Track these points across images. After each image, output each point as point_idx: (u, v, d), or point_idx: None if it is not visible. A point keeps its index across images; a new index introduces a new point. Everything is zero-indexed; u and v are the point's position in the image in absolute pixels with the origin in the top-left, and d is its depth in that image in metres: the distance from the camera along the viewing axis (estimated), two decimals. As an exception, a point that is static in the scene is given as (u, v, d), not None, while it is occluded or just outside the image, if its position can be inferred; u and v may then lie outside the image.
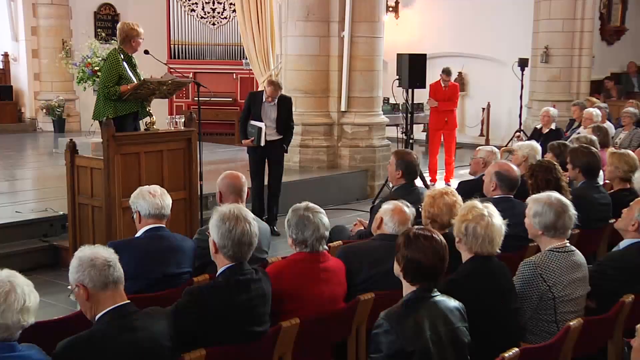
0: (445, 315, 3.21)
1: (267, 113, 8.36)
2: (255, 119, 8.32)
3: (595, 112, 10.28)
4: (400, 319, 3.11)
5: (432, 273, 3.24)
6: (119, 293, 3.11)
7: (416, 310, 3.15)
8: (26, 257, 7.08)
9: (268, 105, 8.37)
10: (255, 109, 8.37)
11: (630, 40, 16.12)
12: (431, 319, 3.15)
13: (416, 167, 5.88)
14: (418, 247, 3.23)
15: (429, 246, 3.23)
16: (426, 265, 3.22)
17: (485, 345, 3.35)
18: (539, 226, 3.97)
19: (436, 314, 3.19)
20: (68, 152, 6.59)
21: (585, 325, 3.70)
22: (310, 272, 3.86)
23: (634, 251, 4.22)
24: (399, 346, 3.05)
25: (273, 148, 8.45)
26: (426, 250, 3.22)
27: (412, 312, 3.15)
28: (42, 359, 2.81)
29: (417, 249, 3.23)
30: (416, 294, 3.23)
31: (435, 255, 3.22)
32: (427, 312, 3.17)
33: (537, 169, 5.53)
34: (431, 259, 3.21)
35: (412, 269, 3.25)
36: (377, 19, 10.74)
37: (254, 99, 8.52)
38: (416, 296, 3.23)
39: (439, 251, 3.24)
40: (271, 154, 8.48)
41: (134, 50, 7.11)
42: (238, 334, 3.44)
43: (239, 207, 3.64)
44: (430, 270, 3.23)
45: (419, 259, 3.22)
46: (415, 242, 3.26)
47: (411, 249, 3.25)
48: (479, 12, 15.76)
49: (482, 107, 16.07)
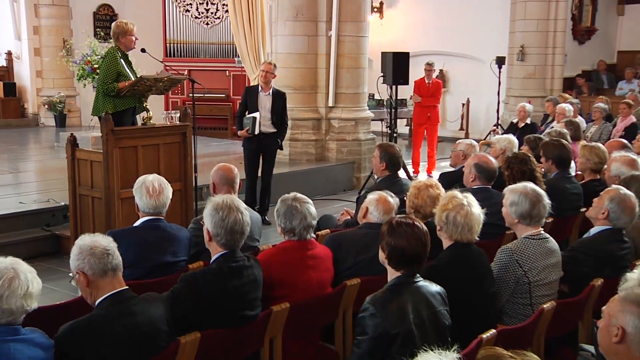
0: (427, 299, 3.22)
1: (262, 103, 8.35)
2: (252, 111, 8.32)
3: (567, 107, 10.33)
4: (385, 303, 3.12)
5: (415, 259, 3.25)
6: (118, 279, 3.10)
7: (400, 295, 3.16)
8: (29, 245, 7.08)
9: (264, 95, 8.36)
10: (251, 101, 8.36)
11: (600, 40, 16.19)
12: (414, 303, 3.15)
13: (399, 159, 5.88)
14: (401, 234, 3.25)
15: (411, 233, 3.24)
16: (409, 251, 3.23)
17: (465, 327, 3.37)
18: (515, 215, 3.99)
19: (419, 298, 3.20)
20: (69, 146, 6.59)
21: (557, 307, 3.72)
22: (299, 259, 3.86)
23: (603, 238, 4.24)
24: (384, 329, 3.05)
25: (267, 142, 8.42)
26: (409, 237, 3.23)
27: (396, 296, 3.16)
28: (44, 342, 2.81)
29: (399, 236, 3.24)
30: (400, 279, 3.24)
31: (417, 241, 3.23)
32: (410, 296, 3.18)
33: (513, 161, 5.54)
34: (414, 245, 3.23)
35: (396, 255, 3.26)
36: (363, 19, 10.73)
37: (250, 92, 8.52)
38: (400, 281, 3.24)
39: (421, 237, 3.25)
40: (266, 147, 8.46)
41: (127, 47, 6.96)
42: (231, 317, 3.44)
43: (232, 197, 3.64)
44: (413, 256, 3.24)
45: (402, 245, 3.23)
46: (398, 229, 3.27)
47: (394, 237, 3.26)
48: (459, 13, 15.78)
49: (462, 102, 16.11)
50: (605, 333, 2.53)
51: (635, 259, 4.32)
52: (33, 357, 2.69)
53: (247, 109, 8.39)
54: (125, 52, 6.99)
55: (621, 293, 2.60)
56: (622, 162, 5.50)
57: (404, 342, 3.00)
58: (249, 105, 8.38)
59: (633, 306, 2.47)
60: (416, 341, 2.97)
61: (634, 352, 2.45)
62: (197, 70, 13.57)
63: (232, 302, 3.44)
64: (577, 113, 10.53)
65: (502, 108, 14.46)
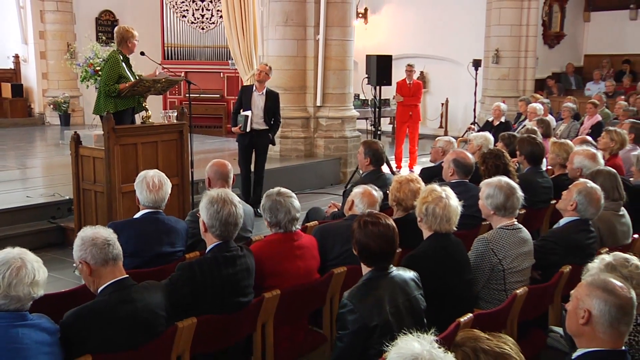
0: (402, 287, 3.19)
1: (255, 102, 8.34)
2: (246, 109, 8.30)
3: (538, 106, 10.39)
4: (362, 299, 3.08)
5: (382, 256, 3.19)
6: (118, 268, 3.10)
7: (375, 289, 3.12)
8: (36, 236, 7.05)
9: (257, 95, 8.35)
10: (245, 100, 8.35)
11: (568, 44, 16.27)
12: (390, 293, 3.13)
13: (382, 155, 5.88)
14: (366, 233, 3.19)
15: (377, 232, 3.17)
16: (375, 249, 3.17)
17: (444, 312, 3.37)
18: (490, 207, 4.00)
19: (394, 288, 3.17)
20: (73, 143, 6.57)
21: (529, 292, 3.73)
22: (286, 250, 3.85)
23: (571, 228, 4.26)
24: (362, 323, 3.02)
25: (260, 138, 8.41)
26: (374, 236, 3.16)
27: (371, 290, 3.12)
28: (50, 327, 2.80)
29: (365, 235, 3.19)
30: (373, 273, 3.20)
31: (382, 239, 3.17)
32: (385, 288, 3.14)
33: (488, 156, 5.55)
34: (379, 244, 3.16)
35: (364, 253, 3.22)
36: (348, 24, 10.73)
37: (245, 91, 8.50)
38: (373, 275, 3.19)
39: (386, 235, 3.18)
40: (258, 143, 8.45)
41: (130, 51, 7.04)
42: (225, 304, 3.43)
43: (226, 191, 3.62)
44: (380, 254, 3.19)
45: (367, 243, 3.18)
46: (364, 228, 3.21)
47: (361, 235, 3.21)
48: (438, 19, 15.82)
49: (441, 102, 16.14)
50: (573, 315, 2.54)
51: (601, 247, 4.35)
52: (40, 341, 2.68)
53: (242, 107, 8.37)
54: (127, 55, 6.99)
55: (588, 279, 2.61)
56: (585, 156, 5.53)
57: (382, 332, 2.98)
58: (244, 103, 8.37)
59: (599, 291, 2.49)
60: (394, 329, 2.95)
61: (598, 332, 2.47)
62: (193, 72, 13.50)
63: (226, 289, 3.44)
64: (548, 112, 10.59)
65: (479, 107, 14.50)
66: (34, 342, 2.66)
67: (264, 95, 8.38)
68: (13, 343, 2.60)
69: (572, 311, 2.56)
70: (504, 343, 2.07)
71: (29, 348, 2.64)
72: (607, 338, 2.47)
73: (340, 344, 3.11)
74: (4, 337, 2.60)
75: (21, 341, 2.62)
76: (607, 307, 2.45)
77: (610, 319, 2.45)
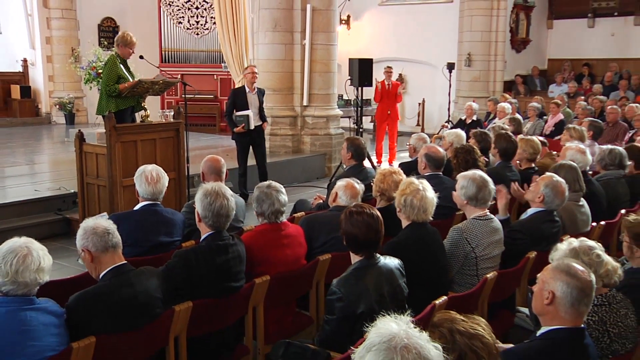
0: (387, 276, 3.19)
1: (252, 102, 8.30)
2: (241, 109, 8.22)
3: (506, 105, 10.44)
4: (350, 287, 3.07)
5: (368, 244, 3.18)
6: (118, 255, 3.09)
7: (363, 278, 3.12)
8: (43, 227, 7.01)
9: (251, 95, 8.31)
10: (240, 101, 8.26)
11: (533, 49, 16.35)
12: (376, 282, 3.12)
13: (363, 150, 5.86)
14: (353, 223, 3.17)
15: (362, 221, 3.16)
16: (361, 238, 3.16)
17: (420, 295, 3.37)
18: (464, 197, 4.00)
19: (380, 277, 3.16)
20: (77, 141, 6.55)
21: (499, 277, 3.74)
22: (275, 239, 3.83)
23: (538, 218, 4.28)
24: (349, 310, 3.03)
25: (256, 133, 8.40)
26: (360, 225, 3.15)
27: (359, 279, 3.11)
28: (56, 310, 2.78)
29: (352, 225, 3.17)
30: (362, 262, 3.19)
31: (368, 228, 3.15)
32: (372, 277, 3.13)
33: (459, 151, 5.56)
34: (365, 233, 3.15)
35: (351, 242, 3.21)
36: (332, 30, 10.69)
37: (238, 94, 8.39)
38: (362, 265, 3.18)
39: (371, 224, 3.16)
40: (255, 139, 8.43)
41: (127, 54, 7.00)
42: (219, 289, 3.42)
43: (220, 185, 3.60)
44: (366, 242, 3.17)
45: (354, 233, 3.17)
46: (350, 218, 3.19)
47: (348, 225, 3.19)
48: (415, 25, 15.84)
49: (418, 102, 16.14)
50: (539, 296, 2.56)
51: (563, 235, 4.37)
52: (47, 323, 2.68)
53: (235, 108, 8.29)
54: (125, 59, 6.96)
55: (553, 263, 2.63)
56: (576, 151, 5.49)
57: (367, 318, 2.97)
58: (238, 104, 8.28)
59: (562, 274, 2.50)
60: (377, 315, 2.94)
61: (560, 312, 2.49)
62: (188, 74, 13.43)
63: (219, 275, 3.42)
64: (515, 111, 10.62)
65: (452, 107, 14.53)
66: (42, 324, 2.65)
67: (256, 95, 8.37)
68: (22, 325, 2.60)
69: (537, 292, 2.58)
70: (477, 324, 2.07)
71: (37, 330, 2.63)
72: (568, 317, 2.49)
73: (327, 327, 3.12)
74: (14, 319, 2.59)
75: (30, 323, 2.62)
76: (569, 289, 2.47)
77: (571, 299, 2.47)
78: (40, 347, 2.61)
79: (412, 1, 16.59)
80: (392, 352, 1.59)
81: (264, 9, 10.36)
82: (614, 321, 2.84)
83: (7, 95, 15.25)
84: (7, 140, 12.48)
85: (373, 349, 1.62)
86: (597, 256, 2.94)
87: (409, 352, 1.59)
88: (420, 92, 16.05)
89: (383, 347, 1.60)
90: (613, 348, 2.81)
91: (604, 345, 2.80)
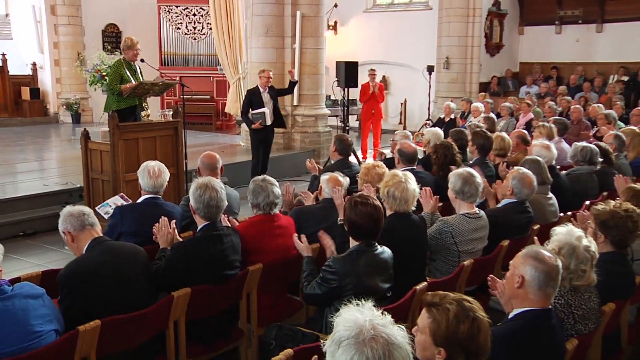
0: (381, 264, 3.20)
1: (266, 100, 8.26)
2: (257, 107, 8.17)
3: (480, 105, 10.50)
4: (345, 264, 3.11)
5: (368, 233, 3.19)
6: (96, 231, 3.15)
7: (358, 260, 3.13)
8: (52, 219, 6.79)
9: (266, 94, 8.27)
10: (257, 100, 8.20)
11: (506, 53, 16.37)
12: (368, 266, 3.14)
13: (348, 146, 5.87)
14: (356, 212, 3.17)
15: (365, 212, 3.16)
16: (363, 227, 3.17)
17: (403, 280, 3.37)
18: (452, 192, 3.98)
19: (373, 263, 3.17)
20: (83, 139, 6.53)
21: (475, 263, 3.76)
22: (267, 229, 3.82)
23: (508, 209, 4.29)
24: (338, 284, 3.07)
25: (270, 132, 8.41)
26: (362, 215, 3.15)
27: (354, 260, 3.13)
28: (34, 292, 2.69)
29: (355, 214, 3.17)
30: (359, 247, 3.20)
31: (369, 219, 3.15)
32: (366, 260, 3.14)
33: (439, 147, 5.58)
34: (366, 223, 3.16)
35: (354, 229, 3.21)
36: (320, 35, 10.67)
37: (254, 94, 8.30)
38: (360, 249, 3.19)
39: (373, 215, 3.16)
40: (268, 136, 8.43)
41: (132, 57, 7.02)
42: (215, 276, 3.41)
43: (210, 178, 3.59)
44: (367, 231, 3.18)
45: (356, 221, 3.17)
46: (355, 208, 3.19)
47: (352, 213, 3.19)
48: (397, 31, 15.84)
49: (400, 102, 16.14)
50: (510, 280, 2.57)
51: (533, 225, 4.39)
52: (24, 308, 2.59)
53: (252, 107, 8.22)
54: (130, 62, 6.97)
55: (523, 250, 2.63)
56: (541, 147, 5.51)
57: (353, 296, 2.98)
58: (254, 103, 8.21)
59: (531, 259, 2.52)
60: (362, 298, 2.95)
61: (529, 294, 2.50)
62: (186, 76, 13.33)
63: (215, 263, 3.41)
64: (490, 110, 10.65)
65: (432, 106, 14.55)
66: (20, 309, 2.57)
67: (269, 94, 8.31)
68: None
69: (509, 277, 2.59)
70: (474, 304, 2.09)
71: (15, 316, 2.54)
72: (536, 299, 2.50)
73: (317, 289, 3.17)
74: None
75: (5, 313, 2.52)
76: (537, 273, 2.48)
77: (539, 282, 2.48)
78: (25, 330, 2.55)
79: (394, 8, 16.61)
80: (362, 345, 1.59)
81: (256, 15, 10.33)
82: (578, 304, 2.85)
83: (18, 97, 15.14)
84: (18, 139, 12.40)
85: (343, 344, 1.61)
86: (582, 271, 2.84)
87: (377, 342, 1.59)
88: (402, 92, 16.05)
89: (352, 342, 1.60)
90: (577, 328, 2.83)
91: (568, 325, 2.81)
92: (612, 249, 3.30)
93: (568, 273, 2.79)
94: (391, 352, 1.58)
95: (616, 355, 3.45)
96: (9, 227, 6.64)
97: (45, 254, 6.10)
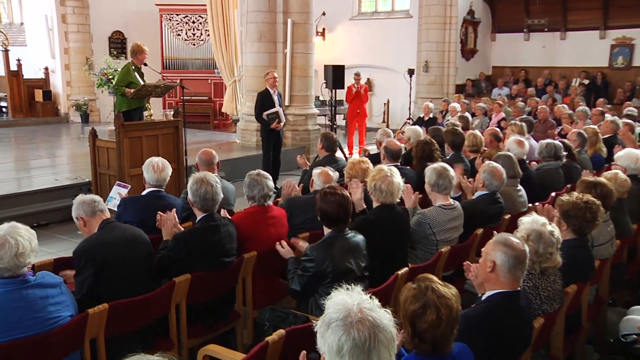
0: (353, 247, 3.20)
1: (277, 101, 8.15)
2: (269, 108, 8.02)
3: (457, 105, 10.52)
4: (320, 251, 3.10)
5: (339, 219, 3.19)
6: (105, 215, 3.19)
7: (332, 246, 3.13)
8: (62, 212, 6.81)
9: (276, 94, 8.17)
10: (268, 102, 8.05)
11: (480, 58, 16.42)
12: (342, 250, 3.14)
13: (334, 143, 5.87)
14: (326, 201, 3.18)
15: (334, 201, 3.17)
16: (333, 214, 3.17)
17: (386, 266, 3.38)
18: (428, 185, 3.98)
19: (347, 247, 3.17)
20: (91, 137, 6.52)
21: (451, 250, 3.77)
22: (261, 219, 3.80)
23: (480, 200, 4.31)
24: (317, 270, 3.07)
25: (280, 131, 8.30)
26: (332, 204, 3.16)
27: (329, 247, 3.13)
28: (52, 281, 2.66)
29: (325, 203, 3.18)
30: (332, 234, 3.20)
31: (339, 207, 3.17)
32: (340, 245, 3.15)
33: (419, 144, 5.58)
34: (336, 210, 3.16)
35: (325, 217, 3.21)
36: (310, 41, 10.61)
37: (265, 96, 8.12)
38: (332, 235, 3.19)
39: (342, 203, 3.18)
40: (278, 136, 8.31)
41: (140, 61, 7.04)
42: (213, 263, 3.40)
43: (206, 173, 3.58)
44: (337, 218, 3.18)
45: (327, 210, 3.18)
46: (324, 198, 3.20)
47: (322, 203, 3.20)
48: (381, 37, 15.85)
49: (383, 102, 16.15)
50: (483, 266, 2.58)
51: (504, 215, 4.41)
52: (43, 296, 2.56)
53: (264, 108, 8.05)
54: (138, 66, 6.96)
55: (494, 237, 2.64)
56: (514, 142, 5.53)
57: (332, 279, 2.99)
58: (266, 104, 8.05)
59: (501, 245, 2.53)
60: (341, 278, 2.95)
61: (500, 277, 2.51)
62: (186, 79, 13.20)
63: (213, 251, 3.40)
64: (465, 110, 10.68)
65: (413, 106, 14.56)
66: (38, 298, 2.54)
67: (277, 95, 8.20)
68: (20, 302, 2.49)
69: (482, 262, 2.59)
70: (450, 290, 2.06)
71: (35, 304, 2.52)
72: (506, 281, 2.51)
73: (300, 280, 3.16)
74: (10, 299, 2.48)
75: (26, 300, 2.51)
76: (507, 258, 2.49)
77: (508, 266, 2.49)
78: (42, 318, 2.53)
79: (378, 16, 16.59)
80: (349, 327, 1.59)
81: (251, 22, 10.26)
82: (544, 286, 2.87)
83: (32, 99, 15.00)
84: (32, 137, 12.31)
85: (332, 326, 1.61)
86: (550, 253, 2.86)
87: (363, 325, 1.59)
88: (385, 93, 16.06)
89: (340, 324, 1.60)
90: (543, 308, 2.85)
91: (536, 306, 2.83)
92: (574, 236, 3.33)
93: (538, 257, 2.81)
94: (376, 334, 1.58)
95: (577, 332, 3.49)
96: (24, 219, 6.46)
97: (57, 243, 6.07)
